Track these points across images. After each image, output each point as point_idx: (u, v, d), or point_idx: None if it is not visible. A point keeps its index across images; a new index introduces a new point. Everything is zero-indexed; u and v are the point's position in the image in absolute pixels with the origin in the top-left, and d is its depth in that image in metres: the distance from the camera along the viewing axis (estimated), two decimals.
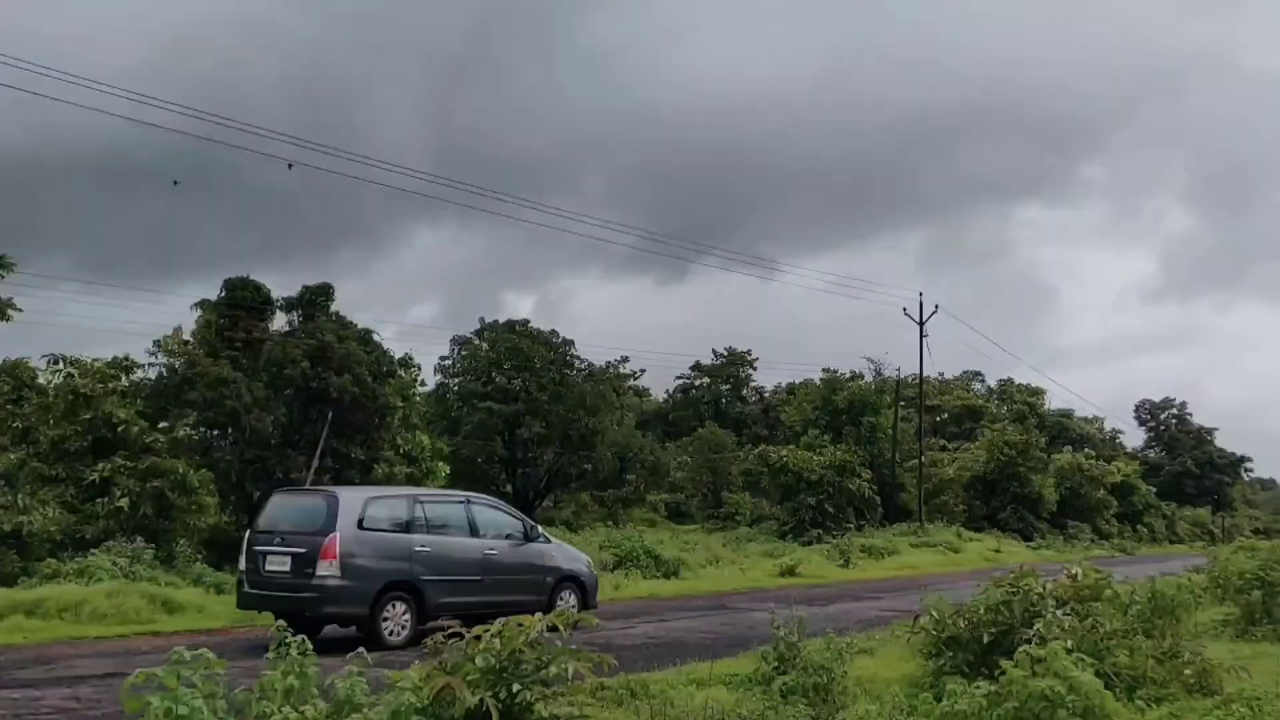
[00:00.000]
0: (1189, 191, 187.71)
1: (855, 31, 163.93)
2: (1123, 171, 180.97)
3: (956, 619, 9.77)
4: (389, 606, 13.53)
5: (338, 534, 13.18)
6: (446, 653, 7.07)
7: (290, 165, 24.80)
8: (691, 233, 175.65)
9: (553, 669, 6.66)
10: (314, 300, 26.46)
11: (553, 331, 42.58)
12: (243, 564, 14.21)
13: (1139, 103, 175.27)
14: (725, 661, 11.47)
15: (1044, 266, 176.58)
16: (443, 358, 41.52)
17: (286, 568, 13.44)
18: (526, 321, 42.61)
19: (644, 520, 43.99)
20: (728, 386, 69.56)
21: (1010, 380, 79.25)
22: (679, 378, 70.28)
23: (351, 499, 14.16)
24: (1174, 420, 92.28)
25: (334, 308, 27.00)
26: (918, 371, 50.53)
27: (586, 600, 16.04)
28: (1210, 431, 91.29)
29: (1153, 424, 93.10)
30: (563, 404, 39.88)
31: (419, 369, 29.20)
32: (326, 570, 13.05)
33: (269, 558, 13.68)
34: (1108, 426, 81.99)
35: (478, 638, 7.32)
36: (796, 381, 60.18)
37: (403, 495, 15.77)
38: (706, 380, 69.66)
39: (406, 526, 14.22)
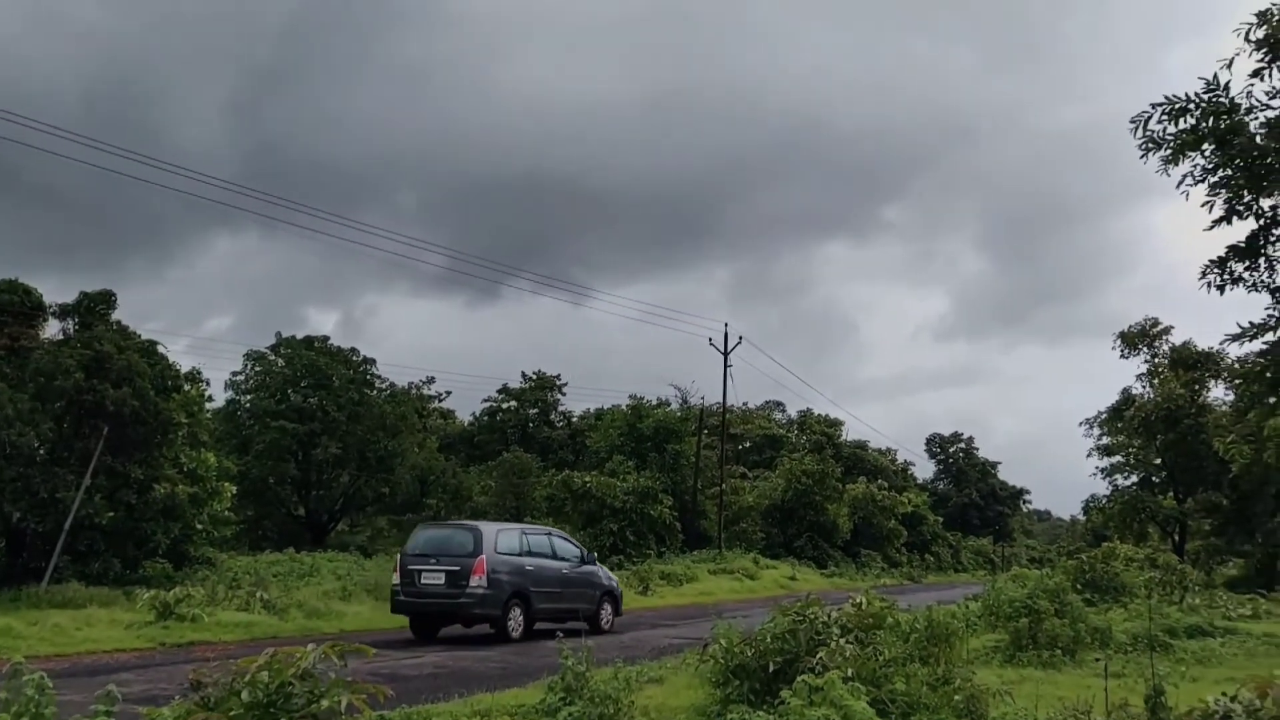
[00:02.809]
0: (981, 237, 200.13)
1: (675, 66, 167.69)
2: (921, 215, 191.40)
3: (744, 647, 9.81)
4: (512, 610, 18.04)
5: (484, 556, 17.68)
6: (210, 686, 6.59)
7: None
8: (506, 254, 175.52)
9: (325, 702, 6.27)
10: (93, 307, 24.63)
11: (353, 349, 41.37)
12: (396, 580, 18.27)
13: (937, 151, 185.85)
14: (512, 692, 11.25)
15: (845, 303, 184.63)
16: (234, 373, 39.67)
17: (441, 581, 17.77)
18: (326, 338, 41.28)
19: None
20: (535, 410, 69.10)
21: (810, 411, 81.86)
22: (485, 400, 69.52)
23: (489, 530, 18.71)
24: (961, 454, 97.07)
25: (116, 316, 25.25)
26: (722, 400, 51.62)
27: (617, 609, 21.03)
28: (994, 465, 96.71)
29: (942, 457, 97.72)
30: (361, 424, 38.65)
31: (207, 384, 27.62)
32: (477, 583, 17.54)
33: (424, 574, 17.92)
34: (900, 458, 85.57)
35: (244, 671, 6.85)
36: (604, 407, 60.44)
37: (516, 528, 20.61)
38: (514, 404, 69.01)
39: (519, 551, 18.81)
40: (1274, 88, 16.59)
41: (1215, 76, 16.38)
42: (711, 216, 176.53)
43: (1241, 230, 17.12)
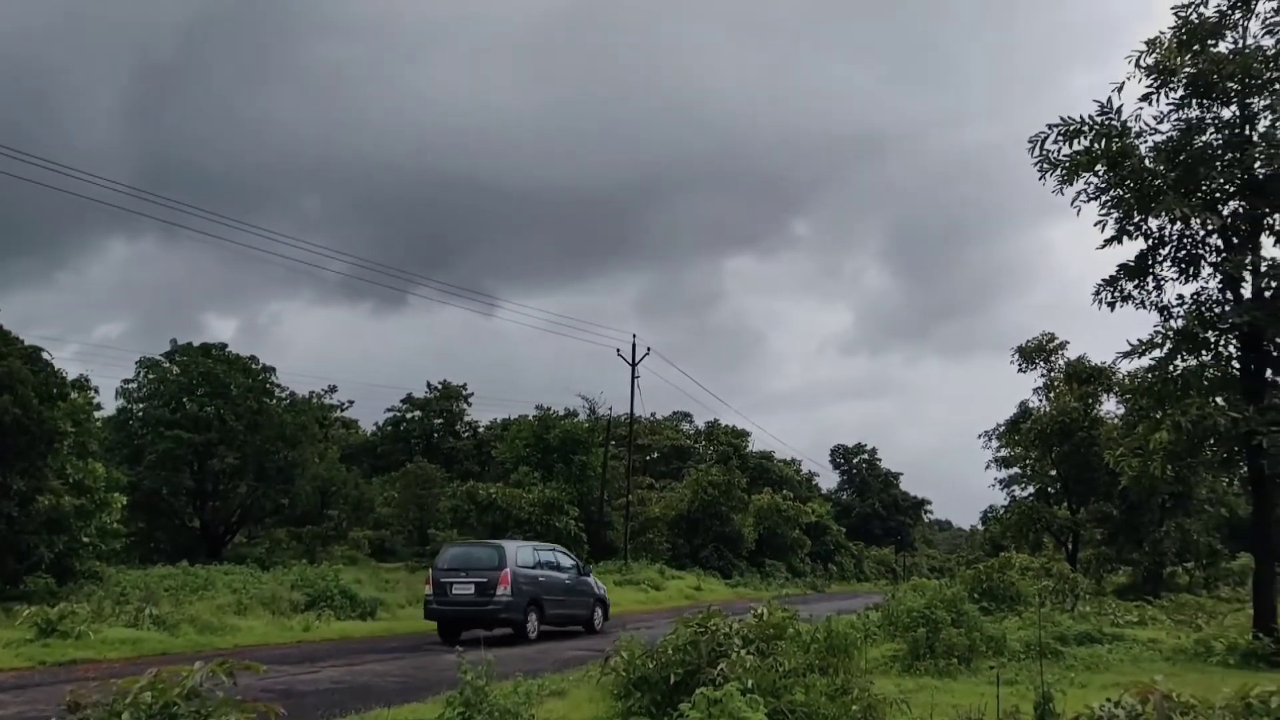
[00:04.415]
0: (885, 253, 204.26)
1: (589, 77, 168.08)
2: (827, 230, 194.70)
3: (646, 659, 9.77)
4: (530, 615, 20.76)
5: (509, 569, 20.30)
6: (89, 707, 6.32)
7: None
8: (413, 262, 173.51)
9: None
10: None
11: (252, 357, 40.34)
12: (429, 591, 20.81)
13: (844, 168, 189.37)
14: (410, 707, 11.04)
15: (753, 315, 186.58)
16: (126, 381, 38.35)
17: (471, 591, 20.27)
18: (224, 346, 40.15)
19: (345, 558, 42.23)
20: (440, 420, 68.41)
21: (717, 422, 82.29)
22: (389, 410, 68.66)
23: (511, 547, 21.58)
24: (864, 465, 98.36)
25: None
26: (629, 411, 51.58)
27: (606, 613, 24.13)
28: (896, 476, 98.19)
29: (845, 467, 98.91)
30: (260, 434, 37.67)
31: (96, 392, 26.60)
32: (502, 592, 20.11)
33: (454, 586, 20.41)
34: (805, 469, 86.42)
35: (126, 690, 6.56)
36: (511, 417, 60.03)
37: (529, 545, 23.53)
38: (418, 414, 68.27)
39: (533, 565, 21.61)
40: (1161, 112, 17.25)
41: (1109, 100, 16.97)
42: (622, 228, 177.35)
43: (1132, 249, 17.72)
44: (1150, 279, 17.59)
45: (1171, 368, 17.26)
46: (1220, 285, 17.15)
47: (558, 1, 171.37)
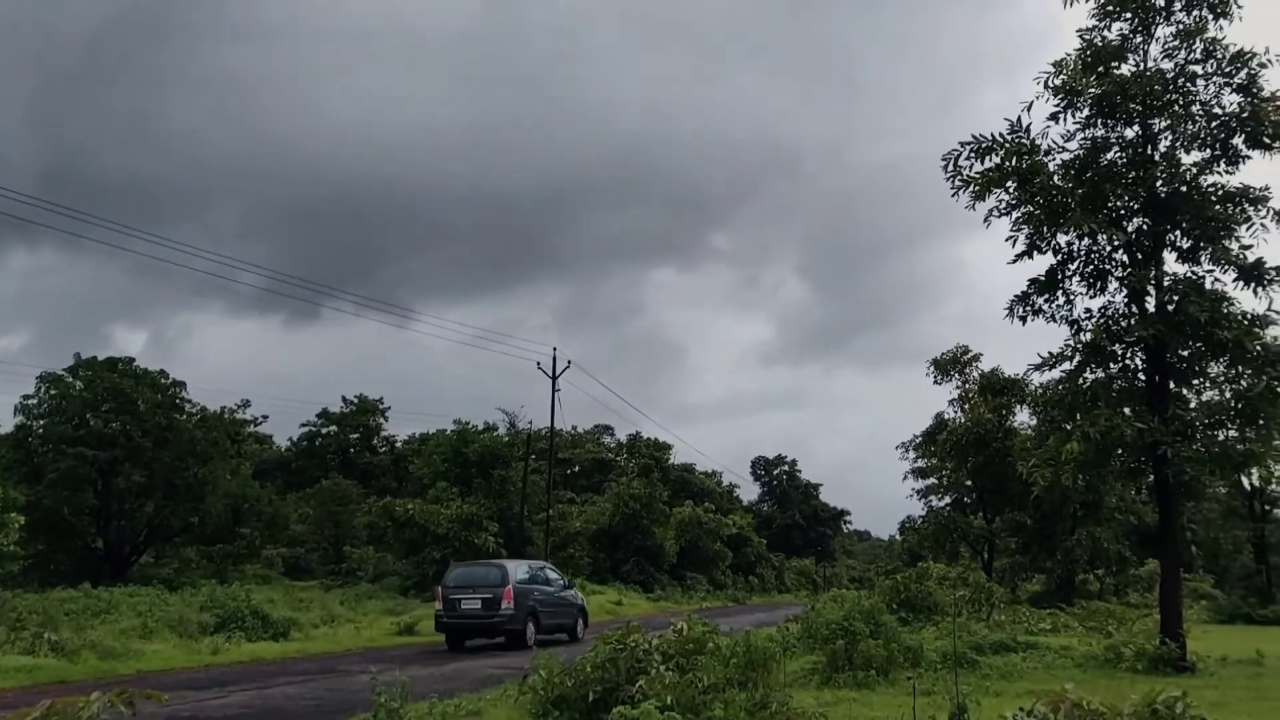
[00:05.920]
0: (804, 265, 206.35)
1: (508, 89, 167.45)
2: (747, 243, 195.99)
3: (564, 677, 9.65)
4: (529, 625, 23.51)
5: (511, 586, 23.18)
6: None
7: None
8: (330, 274, 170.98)
9: None
10: None
11: (161, 371, 39.17)
12: (439, 606, 23.56)
13: (763, 181, 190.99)
14: None
15: (673, 327, 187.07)
16: (26, 397, 36.93)
17: (478, 606, 23.05)
18: (131, 360, 38.95)
19: (258, 577, 41.24)
20: (357, 435, 67.32)
21: (638, 434, 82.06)
22: (304, 425, 67.36)
23: (511, 566, 24.81)
24: (785, 476, 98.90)
25: None
26: (550, 424, 51.20)
27: (586, 622, 26.79)
28: (816, 487, 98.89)
29: (766, 479, 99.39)
30: (169, 451, 36.60)
31: None
32: (506, 606, 22.96)
33: (463, 601, 23.16)
34: (726, 481, 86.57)
35: None
36: (429, 432, 59.26)
37: (525, 564, 26.72)
38: (334, 428, 67.08)
39: (529, 581, 24.49)
40: (1069, 131, 17.67)
41: (1019, 119, 17.32)
42: (542, 240, 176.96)
43: (1043, 264, 18.08)
44: (1060, 293, 17.97)
45: (1081, 380, 17.62)
46: (1126, 300, 17.58)
47: (476, 12, 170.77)
